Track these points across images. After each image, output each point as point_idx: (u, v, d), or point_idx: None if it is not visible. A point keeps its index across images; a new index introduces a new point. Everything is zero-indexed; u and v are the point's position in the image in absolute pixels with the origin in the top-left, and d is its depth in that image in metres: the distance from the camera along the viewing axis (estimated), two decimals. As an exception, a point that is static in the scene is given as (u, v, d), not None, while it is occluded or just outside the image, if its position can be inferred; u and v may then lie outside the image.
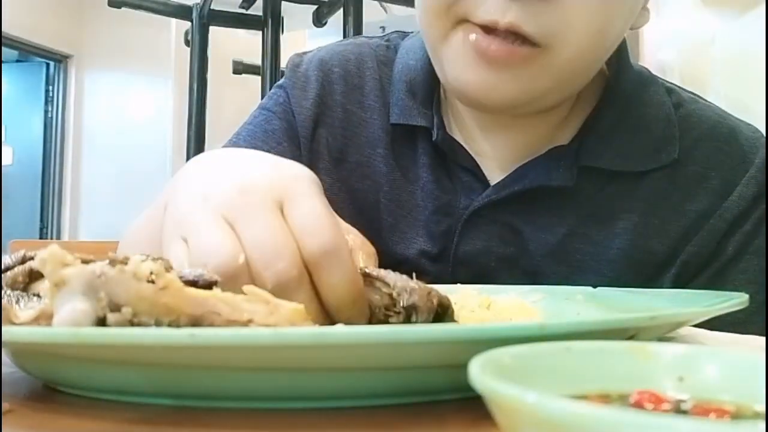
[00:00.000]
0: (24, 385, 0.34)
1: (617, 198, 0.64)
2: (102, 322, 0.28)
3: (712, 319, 0.37)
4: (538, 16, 0.53)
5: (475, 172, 0.66)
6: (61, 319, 0.28)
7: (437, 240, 0.66)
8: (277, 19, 3.15)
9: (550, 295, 0.51)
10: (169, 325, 0.29)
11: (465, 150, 0.66)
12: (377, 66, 0.72)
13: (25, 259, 0.36)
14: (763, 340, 0.46)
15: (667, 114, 0.66)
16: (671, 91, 0.69)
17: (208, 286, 0.31)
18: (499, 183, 0.65)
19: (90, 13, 5.41)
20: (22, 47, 5.28)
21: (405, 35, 0.76)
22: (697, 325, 0.45)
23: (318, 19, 3.26)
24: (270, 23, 3.12)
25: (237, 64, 3.48)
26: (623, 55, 0.66)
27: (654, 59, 3.41)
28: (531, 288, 0.54)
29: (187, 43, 3.46)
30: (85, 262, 0.30)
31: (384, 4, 4.04)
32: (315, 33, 4.55)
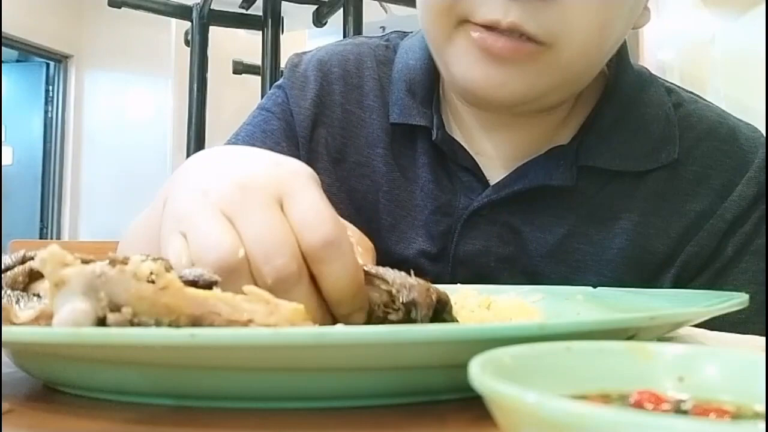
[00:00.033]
0: (24, 385, 0.34)
1: (617, 198, 0.64)
2: (102, 322, 0.28)
3: (712, 319, 0.37)
4: (539, 15, 0.53)
5: (474, 172, 0.66)
6: (61, 319, 0.28)
7: (436, 240, 0.66)
8: (277, 19, 3.15)
9: (550, 295, 0.51)
10: (169, 325, 0.29)
11: (464, 150, 0.66)
12: (376, 66, 0.72)
13: (25, 259, 0.36)
14: (763, 340, 0.46)
15: (666, 114, 0.66)
16: (671, 91, 0.69)
17: (208, 286, 0.31)
18: (498, 183, 0.65)
19: (90, 13, 5.41)
20: (22, 47, 5.28)
21: (404, 35, 0.76)
22: (697, 325, 0.45)
23: (318, 19, 3.26)
24: (270, 23, 3.12)
25: (237, 64, 3.48)
26: (623, 55, 0.66)
27: (654, 59, 3.41)
28: (531, 288, 0.54)
29: (187, 43, 3.46)
30: (85, 262, 0.30)
31: (384, 4, 4.04)
32: (315, 33, 4.55)
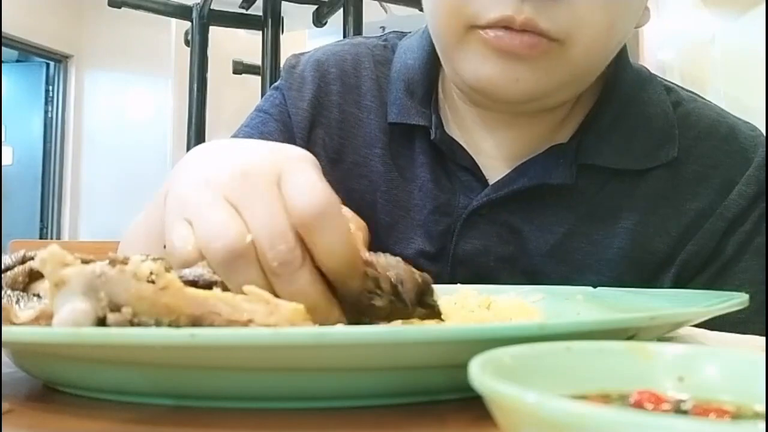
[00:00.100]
0: (24, 385, 0.34)
1: (617, 197, 0.64)
2: (102, 322, 0.28)
3: (712, 319, 0.37)
4: (551, 12, 0.54)
5: (473, 171, 0.66)
6: (61, 319, 0.28)
7: (436, 240, 0.66)
8: (277, 19, 3.15)
9: (550, 295, 0.51)
10: (169, 325, 0.29)
11: (463, 149, 0.66)
12: (374, 66, 0.72)
13: (25, 259, 0.36)
14: (763, 340, 0.46)
15: (666, 112, 0.66)
16: (670, 90, 0.70)
17: (208, 286, 0.31)
18: (498, 182, 0.65)
19: (90, 13, 5.41)
20: (22, 47, 5.28)
21: (403, 35, 0.76)
22: (697, 325, 0.45)
23: (318, 19, 3.26)
24: (270, 23, 3.12)
25: (237, 64, 3.48)
26: (622, 54, 0.66)
27: (654, 59, 3.41)
28: (531, 288, 0.54)
29: (187, 43, 3.46)
30: (85, 262, 0.30)
31: (384, 4, 4.04)
32: (315, 33, 4.55)
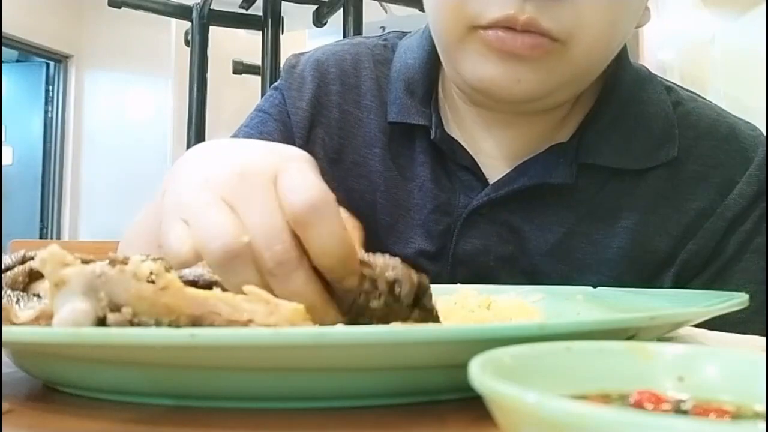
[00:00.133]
0: (24, 385, 0.34)
1: (617, 196, 0.64)
2: (102, 322, 0.28)
3: (712, 319, 0.37)
4: (553, 11, 0.54)
5: (473, 171, 0.66)
6: (61, 319, 0.28)
7: (436, 239, 0.66)
8: (277, 19, 3.15)
9: (550, 295, 0.51)
10: (169, 325, 0.29)
11: (464, 149, 0.66)
12: (374, 65, 0.72)
13: (25, 259, 0.36)
14: (763, 340, 0.46)
15: (666, 112, 0.66)
16: (670, 89, 0.70)
17: (208, 286, 0.31)
18: (498, 181, 0.65)
19: (90, 13, 5.41)
20: (22, 47, 5.28)
21: (403, 35, 0.76)
22: (697, 325, 0.45)
23: (318, 19, 3.26)
24: (270, 23, 3.12)
25: (237, 64, 3.48)
26: (622, 53, 0.66)
27: (654, 59, 3.41)
28: (531, 288, 0.54)
29: (187, 43, 3.46)
30: (85, 262, 0.30)
31: (384, 4, 4.04)
32: (315, 33, 4.55)
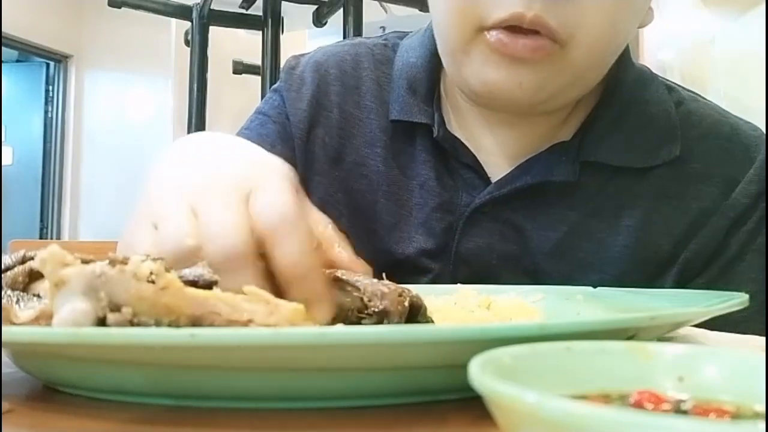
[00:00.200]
0: (24, 385, 0.34)
1: (619, 195, 0.65)
2: (102, 322, 0.28)
3: (712, 319, 0.37)
4: (559, 9, 0.54)
5: (476, 169, 0.66)
6: (61, 319, 0.28)
7: (438, 238, 0.66)
8: (277, 19, 3.15)
9: (550, 295, 0.51)
10: (169, 325, 0.29)
11: (466, 147, 0.66)
12: (374, 65, 0.72)
13: (25, 259, 0.36)
14: (763, 340, 0.46)
15: (667, 111, 0.66)
16: (672, 89, 0.70)
17: (208, 286, 0.31)
18: (501, 179, 0.65)
19: (90, 13, 5.41)
20: (22, 47, 5.27)
21: (403, 35, 0.76)
22: (697, 325, 0.45)
23: (318, 19, 3.26)
24: (270, 23, 3.12)
25: (237, 64, 3.48)
26: (624, 53, 0.66)
27: (654, 59, 3.41)
28: (531, 288, 0.54)
29: (187, 43, 3.46)
30: (85, 262, 0.30)
31: (384, 4, 4.04)
32: (315, 33, 4.55)
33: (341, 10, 3.01)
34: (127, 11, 3.37)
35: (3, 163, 5.26)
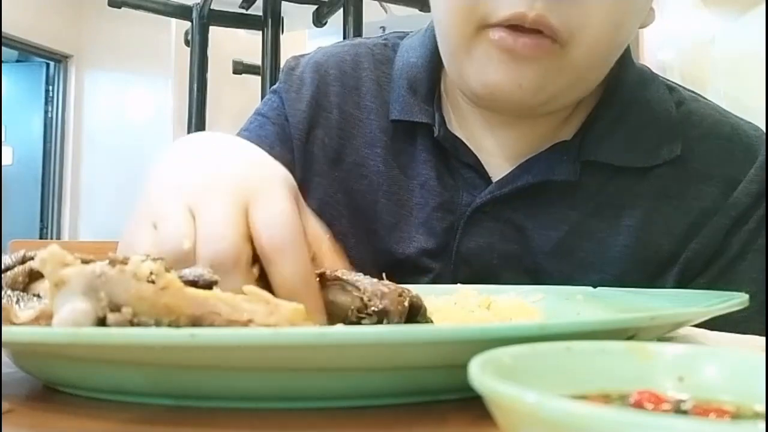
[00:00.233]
0: (24, 385, 0.34)
1: (620, 194, 0.65)
2: (102, 322, 0.28)
3: (712, 319, 0.37)
4: (562, 8, 0.54)
5: (477, 169, 0.66)
6: (61, 319, 0.28)
7: (438, 237, 0.66)
8: (277, 19, 3.15)
9: (550, 295, 0.51)
10: (169, 325, 0.29)
11: (467, 146, 0.66)
12: (374, 65, 0.72)
13: (25, 259, 0.36)
14: (763, 340, 0.46)
15: (668, 111, 0.67)
16: (672, 89, 0.70)
17: (208, 286, 0.31)
18: (502, 179, 0.65)
19: (90, 13, 5.41)
20: (22, 47, 5.27)
21: (404, 35, 0.76)
22: (698, 325, 0.45)
23: (318, 19, 3.26)
24: (270, 23, 3.12)
25: (237, 64, 3.48)
26: (625, 53, 0.66)
27: (654, 59, 3.41)
28: (531, 288, 0.54)
29: (187, 43, 3.46)
30: (85, 262, 0.30)
31: (384, 4, 4.04)
32: (315, 33, 4.55)
33: (341, 10, 3.01)
34: (127, 11, 3.36)
35: (3, 163, 5.26)
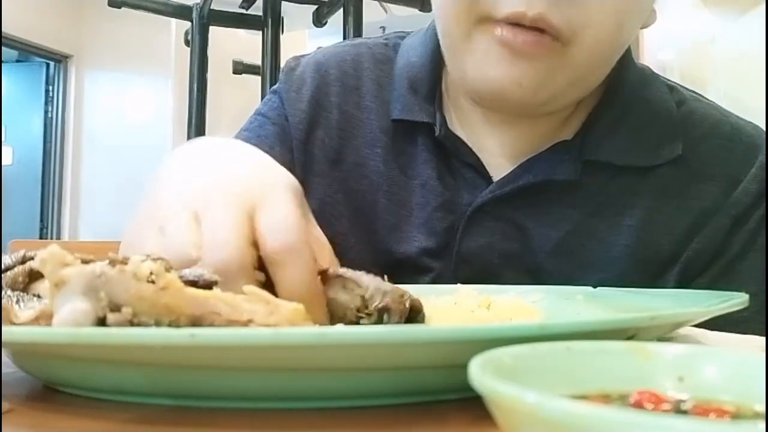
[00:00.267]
0: (24, 385, 0.34)
1: (621, 194, 0.65)
2: (102, 322, 0.28)
3: (712, 319, 0.37)
4: (562, 7, 0.54)
5: (477, 168, 0.66)
6: (61, 319, 0.28)
7: (439, 237, 0.66)
8: (277, 19, 3.15)
9: (550, 295, 0.51)
10: (169, 325, 0.29)
11: (468, 146, 0.66)
12: (374, 65, 0.72)
13: (25, 259, 0.36)
14: (763, 340, 0.46)
15: (669, 111, 0.67)
16: (673, 89, 0.70)
17: (208, 286, 0.31)
18: (503, 178, 0.65)
19: (90, 13, 5.41)
20: (22, 47, 5.28)
21: (404, 35, 0.76)
22: (698, 325, 0.45)
23: (318, 19, 3.26)
24: (270, 23, 3.12)
25: (237, 64, 3.48)
26: (626, 53, 0.66)
27: (654, 59, 3.42)
28: (531, 288, 0.54)
29: (187, 43, 3.46)
30: (85, 262, 0.30)
31: (384, 4, 4.04)
32: (315, 33, 4.55)
33: (341, 10, 3.01)
34: (127, 11, 3.37)
35: (3, 163, 5.26)
